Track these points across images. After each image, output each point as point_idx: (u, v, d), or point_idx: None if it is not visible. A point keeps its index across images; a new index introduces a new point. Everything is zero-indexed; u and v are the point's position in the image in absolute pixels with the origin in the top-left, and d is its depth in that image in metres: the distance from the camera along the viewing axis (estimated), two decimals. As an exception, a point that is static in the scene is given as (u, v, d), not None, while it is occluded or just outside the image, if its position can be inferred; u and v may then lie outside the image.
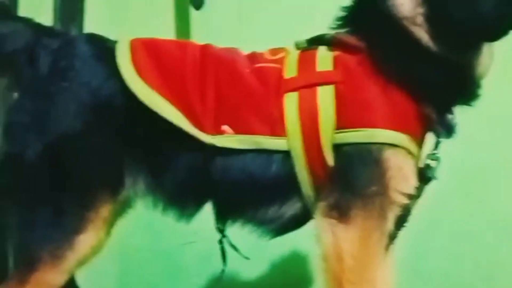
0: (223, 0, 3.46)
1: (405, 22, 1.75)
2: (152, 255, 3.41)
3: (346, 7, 1.90)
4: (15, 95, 1.89)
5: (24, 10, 2.67)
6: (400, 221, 1.85)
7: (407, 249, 2.08)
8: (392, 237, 1.86)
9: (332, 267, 1.74)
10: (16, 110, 1.84)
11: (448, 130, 1.84)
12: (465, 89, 1.81)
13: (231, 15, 3.46)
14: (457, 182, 2.86)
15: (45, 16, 2.85)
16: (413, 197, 1.81)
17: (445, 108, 1.82)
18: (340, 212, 1.72)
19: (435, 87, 1.76)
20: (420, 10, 1.73)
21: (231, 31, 3.40)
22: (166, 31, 3.48)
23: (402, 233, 1.91)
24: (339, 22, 1.90)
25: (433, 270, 2.99)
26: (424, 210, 2.34)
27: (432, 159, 1.84)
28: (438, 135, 1.84)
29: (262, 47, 1.97)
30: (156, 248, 3.37)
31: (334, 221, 1.73)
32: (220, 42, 3.23)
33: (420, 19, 1.74)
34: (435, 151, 1.84)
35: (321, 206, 1.76)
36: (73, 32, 2.95)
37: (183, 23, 3.52)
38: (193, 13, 3.47)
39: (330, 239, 1.73)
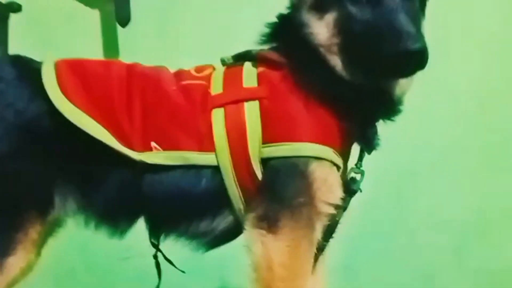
0: (148, 16, 3.46)
1: (322, 49, 1.81)
2: (86, 273, 3.37)
3: (269, 24, 1.94)
4: None
5: None
6: (328, 232, 1.89)
7: (342, 255, 2.15)
8: (322, 248, 1.91)
9: (262, 277, 1.76)
10: None
11: (369, 144, 1.90)
12: (384, 107, 1.86)
13: (157, 31, 3.47)
14: (387, 186, 2.96)
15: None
16: (340, 208, 1.85)
17: (365, 123, 1.87)
18: (269, 223, 1.75)
19: (352, 107, 1.80)
20: (335, 40, 1.79)
21: (158, 47, 3.42)
22: (94, 49, 3.49)
23: (336, 240, 1.96)
24: (263, 38, 1.94)
25: (368, 273, 3.09)
26: (357, 215, 2.43)
27: (356, 172, 1.89)
28: (361, 149, 1.90)
29: (188, 61, 2.00)
30: (90, 266, 3.34)
31: (263, 231, 1.76)
32: (148, 57, 3.23)
33: (335, 49, 1.79)
34: (359, 165, 1.90)
35: (250, 217, 1.79)
36: (-2, 54, 2.94)
37: (110, 41, 3.52)
38: (120, 30, 3.46)
39: (260, 249, 1.76)
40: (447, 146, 3.16)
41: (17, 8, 3.17)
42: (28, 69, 1.86)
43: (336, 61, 1.80)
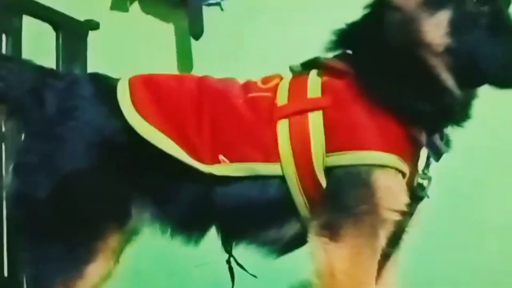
0: (221, 28, 3.54)
1: (421, 49, 1.79)
2: (165, 279, 3.46)
3: (337, 31, 1.96)
4: (22, 136, 1.97)
5: (27, 51, 2.81)
6: (395, 239, 1.91)
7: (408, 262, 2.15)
8: (388, 255, 1.93)
9: (325, 284, 1.79)
10: (25, 151, 1.92)
11: (437, 151, 1.88)
12: (455, 113, 1.86)
13: (230, 43, 3.55)
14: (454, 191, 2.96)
15: (48, 56, 2.97)
16: (406, 215, 1.86)
17: (434, 130, 1.86)
18: (331, 231, 1.77)
19: (423, 113, 1.80)
20: (446, 40, 1.77)
21: (231, 59, 3.49)
22: (169, 63, 3.62)
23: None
24: (330, 45, 1.95)
25: (434, 279, 3.06)
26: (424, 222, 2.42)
27: (423, 178, 1.88)
28: (428, 155, 1.89)
29: (260, 72, 2.03)
30: (169, 273, 3.42)
31: (326, 239, 1.78)
32: (221, 70, 3.31)
33: (441, 49, 1.78)
34: (425, 171, 1.89)
35: (314, 225, 1.82)
36: (76, 71, 3.07)
37: (184, 54, 3.63)
38: (194, 43, 3.56)
39: (323, 257, 1.79)
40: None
41: (95, 26, 3.30)
42: (105, 87, 1.94)
43: (436, 62, 1.78)
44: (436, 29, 1.77)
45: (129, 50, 3.67)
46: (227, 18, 3.57)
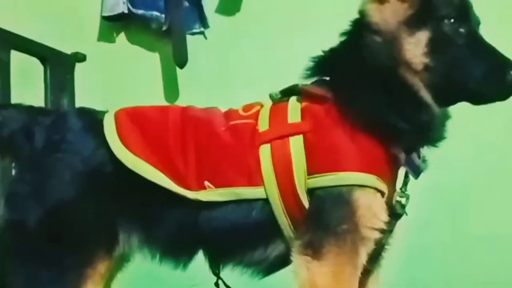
0: (206, 56, 3.63)
1: (401, 68, 1.86)
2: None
3: (314, 57, 2.02)
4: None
5: (16, 82, 2.84)
6: (376, 255, 1.96)
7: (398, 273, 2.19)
8: (369, 271, 1.98)
9: None
10: (17, 182, 1.99)
11: (415, 169, 1.94)
12: (433, 131, 1.92)
13: (215, 69, 3.63)
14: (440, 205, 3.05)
15: (36, 88, 3.02)
16: (386, 232, 1.91)
17: (413, 148, 1.92)
18: (314, 249, 1.82)
19: (403, 131, 1.86)
20: (425, 60, 1.84)
21: (217, 85, 3.57)
22: (155, 91, 3.71)
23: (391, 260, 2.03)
24: (308, 72, 2.02)
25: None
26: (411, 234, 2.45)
27: (401, 196, 1.94)
28: (406, 173, 1.94)
29: (246, 98, 2.07)
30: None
31: (308, 258, 1.83)
32: (207, 96, 3.38)
33: (420, 67, 1.85)
34: (403, 189, 1.94)
35: (297, 244, 1.87)
36: (65, 100, 3.13)
37: (170, 82, 3.71)
38: (179, 72, 3.64)
39: (305, 275, 1.84)
40: (499, 163, 3.21)
41: (82, 58, 3.37)
42: (92, 120, 2.01)
43: (415, 81, 1.85)
44: (415, 48, 1.84)
45: (116, 80, 3.74)
46: (211, 46, 3.65)
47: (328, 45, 2.01)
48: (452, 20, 1.84)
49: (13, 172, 2.08)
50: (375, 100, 1.87)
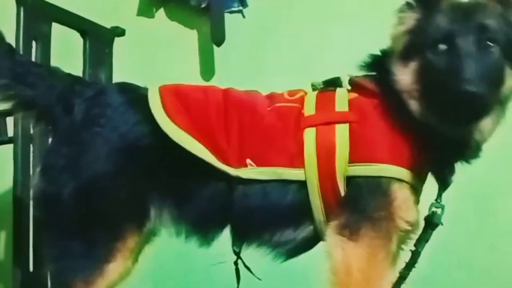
0: (242, 35, 3.64)
1: (405, 94, 1.92)
2: (184, 277, 3.57)
3: (371, 55, 2.08)
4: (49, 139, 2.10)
5: (56, 56, 2.92)
6: (411, 263, 2.04)
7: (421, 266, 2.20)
8: (403, 277, 2.05)
9: (340, 280, 1.90)
10: (53, 153, 2.04)
11: (443, 181, 2.02)
12: (461, 152, 1.97)
13: (250, 50, 3.65)
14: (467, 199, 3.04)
15: (75, 61, 3.07)
16: (422, 241, 2.01)
17: (442, 165, 1.99)
18: (351, 231, 1.89)
19: (429, 149, 1.92)
20: (416, 86, 1.90)
21: (251, 66, 3.60)
22: (192, 68, 3.74)
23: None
24: (363, 65, 2.08)
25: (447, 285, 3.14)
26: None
27: (437, 207, 2.03)
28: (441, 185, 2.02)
29: (280, 80, 2.11)
30: (188, 271, 3.53)
31: (344, 238, 1.90)
32: (241, 76, 3.39)
33: (415, 94, 1.91)
34: (439, 200, 2.03)
35: (333, 225, 1.93)
36: (102, 74, 3.18)
37: (207, 60, 3.74)
38: (216, 50, 3.66)
39: (340, 255, 1.90)
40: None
41: (121, 33, 3.40)
42: (134, 96, 2.06)
43: (415, 106, 1.91)
44: (407, 77, 1.92)
45: (153, 55, 3.79)
46: (248, 26, 3.66)
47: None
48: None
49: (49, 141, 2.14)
50: (405, 113, 1.92)
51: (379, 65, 2.04)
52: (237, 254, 2.17)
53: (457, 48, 1.81)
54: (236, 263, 2.21)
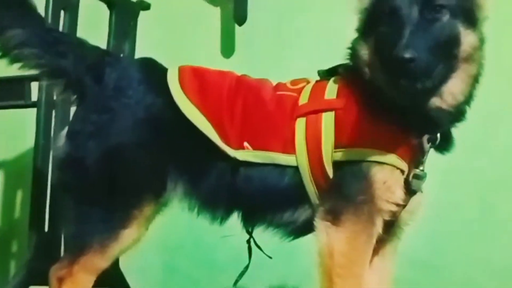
0: (264, 16, 3.68)
1: (366, 69, 2.01)
2: (193, 247, 3.67)
3: (353, 41, 2.11)
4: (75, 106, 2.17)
5: (82, 27, 2.99)
6: (391, 227, 2.10)
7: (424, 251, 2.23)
8: (385, 241, 2.12)
9: (324, 262, 1.99)
10: (81, 120, 2.12)
11: (440, 145, 2.03)
12: (429, 121, 1.97)
13: (271, 30, 3.69)
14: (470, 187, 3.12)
15: (100, 33, 3.14)
16: (399, 206, 2.03)
17: (422, 133, 1.99)
18: (334, 216, 1.98)
19: (403, 120, 1.95)
20: (373, 58, 1.97)
21: (272, 46, 3.64)
22: (213, 45, 3.80)
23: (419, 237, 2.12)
24: (347, 54, 2.13)
25: (448, 270, 3.18)
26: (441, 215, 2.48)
27: (418, 174, 2.02)
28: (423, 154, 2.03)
29: (300, 61, 2.15)
30: (197, 242, 3.61)
31: (328, 223, 1.99)
32: (261, 56, 3.42)
33: (374, 68, 1.97)
34: (421, 167, 2.02)
35: (319, 210, 2.03)
36: (126, 46, 3.26)
37: (228, 38, 3.80)
38: (237, 28, 3.71)
39: (324, 238, 1.99)
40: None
41: (146, 6, 3.45)
42: (156, 71, 2.16)
43: (378, 80, 1.95)
44: (367, 51, 2.00)
45: (176, 31, 3.86)
46: (271, 7, 3.69)
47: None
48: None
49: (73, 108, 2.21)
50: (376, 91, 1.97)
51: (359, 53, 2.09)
52: (250, 234, 2.28)
53: (400, 18, 1.85)
54: (248, 242, 2.31)
